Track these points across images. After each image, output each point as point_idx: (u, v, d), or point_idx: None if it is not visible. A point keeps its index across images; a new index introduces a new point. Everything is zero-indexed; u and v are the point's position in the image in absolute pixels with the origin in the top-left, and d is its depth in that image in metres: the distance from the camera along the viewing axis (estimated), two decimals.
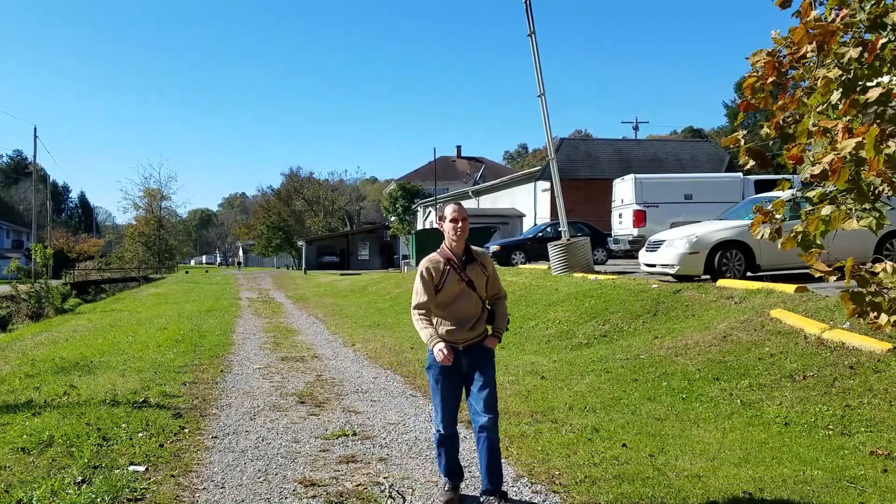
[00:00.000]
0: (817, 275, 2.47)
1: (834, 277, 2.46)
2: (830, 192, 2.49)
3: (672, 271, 10.77)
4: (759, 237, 2.69)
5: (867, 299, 2.48)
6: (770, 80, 2.77)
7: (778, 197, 10.90)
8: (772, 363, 6.18)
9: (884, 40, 2.47)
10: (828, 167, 2.36)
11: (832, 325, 6.62)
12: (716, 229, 10.75)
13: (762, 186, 14.97)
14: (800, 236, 2.51)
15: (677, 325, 8.38)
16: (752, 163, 2.87)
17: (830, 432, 4.64)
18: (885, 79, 2.71)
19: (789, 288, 8.42)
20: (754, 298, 8.52)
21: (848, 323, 6.53)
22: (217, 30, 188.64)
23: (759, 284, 9.04)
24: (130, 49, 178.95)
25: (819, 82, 2.58)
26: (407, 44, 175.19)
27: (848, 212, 2.42)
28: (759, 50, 2.82)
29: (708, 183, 16.92)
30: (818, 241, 2.49)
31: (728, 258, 10.48)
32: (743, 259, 10.49)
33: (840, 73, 2.55)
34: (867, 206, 2.39)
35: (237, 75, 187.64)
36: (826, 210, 2.46)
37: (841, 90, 2.68)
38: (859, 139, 2.22)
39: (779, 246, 2.53)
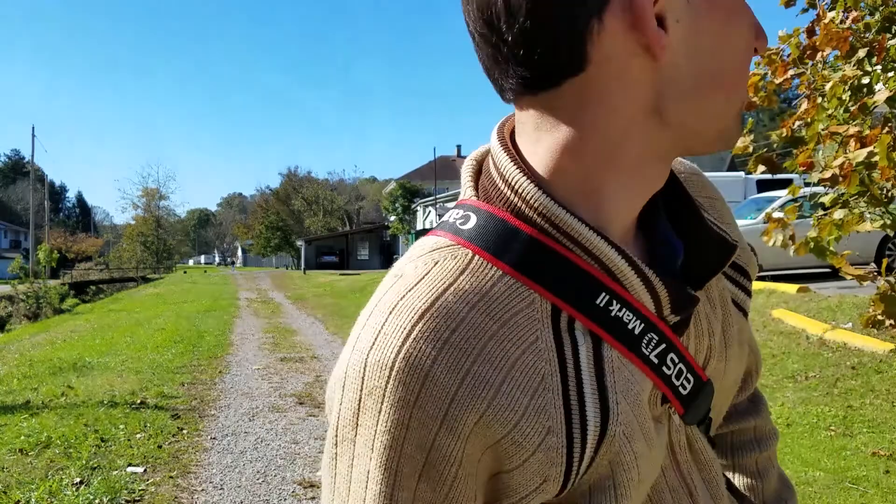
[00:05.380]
0: (849, 277, 2.44)
1: (866, 281, 2.43)
2: (842, 195, 2.47)
3: None
4: (772, 244, 2.67)
5: None
6: (781, 79, 2.76)
7: (779, 197, 10.85)
8: (774, 364, 6.16)
9: (892, 41, 2.45)
10: (838, 172, 2.35)
11: (834, 326, 6.61)
12: None
13: (764, 186, 14.94)
14: (812, 242, 2.50)
15: None
16: (762, 168, 2.85)
17: (832, 433, 4.62)
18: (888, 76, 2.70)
19: (791, 288, 8.40)
20: (756, 299, 8.51)
21: (850, 323, 6.51)
22: (215, 29, 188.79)
23: (761, 284, 9.03)
24: (128, 48, 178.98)
25: (828, 85, 2.56)
26: (406, 42, 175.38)
27: (861, 215, 2.40)
28: (767, 49, 2.80)
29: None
30: (832, 247, 2.48)
31: None
32: None
33: (855, 73, 2.53)
34: (880, 209, 2.37)
35: (235, 74, 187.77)
36: (838, 214, 2.44)
37: (849, 92, 2.65)
38: (871, 148, 2.20)
39: (791, 253, 2.51)
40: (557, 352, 0.51)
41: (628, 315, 0.53)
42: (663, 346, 0.55)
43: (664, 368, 0.55)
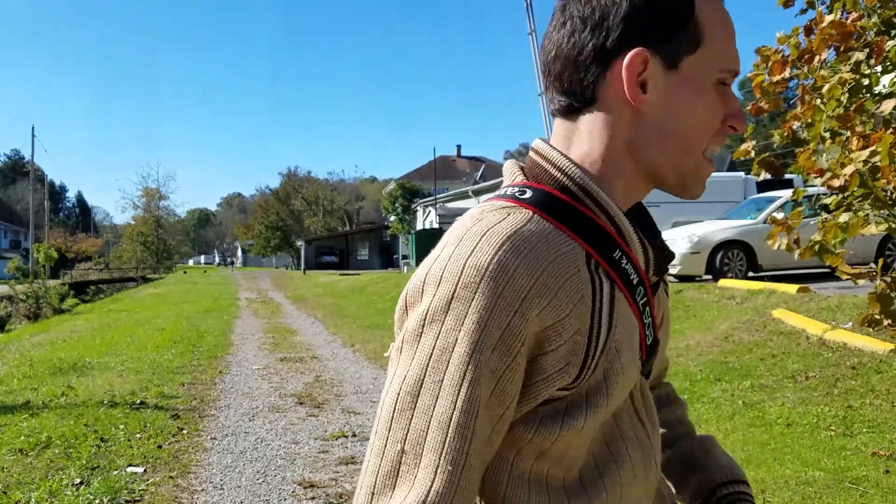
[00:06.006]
0: (845, 277, 2.45)
1: (862, 280, 2.44)
2: (846, 198, 2.46)
3: (673, 271, 10.75)
4: (777, 248, 2.66)
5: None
6: (777, 77, 2.75)
7: (779, 197, 10.80)
8: (774, 364, 6.16)
9: (892, 42, 2.45)
10: (848, 179, 2.34)
11: (834, 326, 6.61)
12: (717, 229, 10.73)
13: (764, 186, 14.95)
14: (817, 245, 2.49)
15: (679, 326, 8.36)
16: (764, 174, 2.85)
17: (832, 433, 4.61)
18: (887, 78, 2.69)
19: (791, 288, 8.40)
20: (756, 299, 8.51)
21: (850, 323, 6.51)
22: (214, 29, 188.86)
23: (761, 284, 9.02)
24: (128, 48, 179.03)
25: (826, 87, 2.56)
26: (406, 42, 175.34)
27: (866, 218, 2.40)
28: (764, 46, 2.80)
29: (709, 182, 16.48)
30: (837, 249, 2.47)
31: (730, 258, 10.46)
32: (745, 259, 10.47)
33: (851, 76, 2.52)
34: (885, 211, 2.37)
35: (235, 75, 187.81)
36: (844, 217, 2.44)
37: (847, 94, 2.64)
38: (873, 148, 2.19)
39: (796, 256, 2.51)
40: (591, 283, 0.72)
41: (631, 268, 0.75)
42: (645, 299, 0.78)
43: (644, 317, 0.78)
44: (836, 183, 2.37)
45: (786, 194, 9.82)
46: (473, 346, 0.65)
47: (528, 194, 0.75)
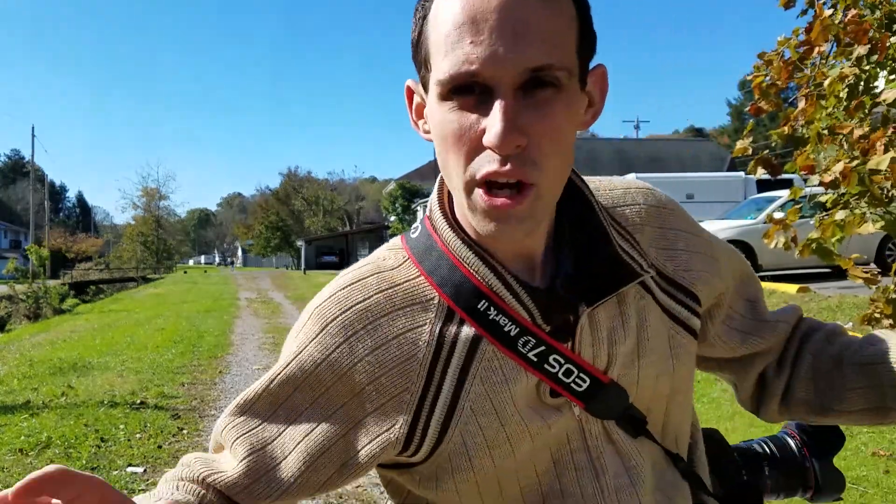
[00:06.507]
0: (857, 281, 2.43)
1: (874, 286, 2.43)
2: (843, 196, 2.45)
3: None
4: (773, 246, 2.65)
5: None
6: (781, 79, 2.75)
7: (779, 197, 10.81)
8: None
9: (893, 39, 2.45)
10: (839, 176, 2.34)
11: None
12: (718, 229, 10.72)
13: (764, 186, 14.95)
14: (815, 243, 2.49)
15: None
16: (761, 171, 2.84)
17: None
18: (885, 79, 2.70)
19: (792, 288, 8.40)
20: None
21: (850, 323, 6.51)
22: (214, 29, 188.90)
23: (761, 284, 9.02)
24: (127, 48, 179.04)
25: (826, 82, 2.55)
26: (406, 42, 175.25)
27: (862, 216, 2.40)
28: (763, 52, 2.80)
29: (710, 182, 16.89)
30: (835, 249, 2.47)
31: None
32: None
33: (852, 70, 2.52)
34: (881, 209, 2.37)
35: (235, 75, 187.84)
36: (840, 215, 2.43)
37: (847, 90, 2.64)
38: (893, 154, 2.18)
39: (795, 255, 2.50)
40: (438, 338, 0.68)
41: (504, 320, 0.67)
42: (542, 348, 0.67)
43: (547, 366, 0.67)
44: (828, 179, 2.37)
45: (786, 194, 9.82)
46: (278, 379, 0.72)
47: (416, 234, 0.75)
